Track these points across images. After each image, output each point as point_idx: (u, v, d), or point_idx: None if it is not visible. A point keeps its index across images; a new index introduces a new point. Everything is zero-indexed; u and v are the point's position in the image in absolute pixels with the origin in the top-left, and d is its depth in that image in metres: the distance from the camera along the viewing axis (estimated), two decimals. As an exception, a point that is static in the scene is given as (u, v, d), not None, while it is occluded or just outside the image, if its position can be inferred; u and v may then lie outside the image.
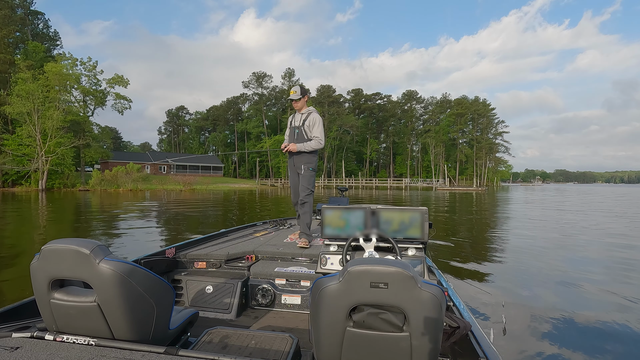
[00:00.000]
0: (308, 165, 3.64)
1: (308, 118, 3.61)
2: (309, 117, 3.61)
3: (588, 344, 3.13)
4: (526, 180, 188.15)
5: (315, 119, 3.59)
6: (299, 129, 3.64)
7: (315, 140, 3.58)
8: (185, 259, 3.11)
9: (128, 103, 48.84)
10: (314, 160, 3.70)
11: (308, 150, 3.58)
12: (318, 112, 3.69)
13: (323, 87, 79.81)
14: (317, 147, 3.59)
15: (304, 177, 3.64)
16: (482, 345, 1.58)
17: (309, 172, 3.66)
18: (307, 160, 3.65)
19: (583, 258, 6.63)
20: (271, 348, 1.65)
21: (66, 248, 1.37)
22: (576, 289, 4.66)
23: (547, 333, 3.32)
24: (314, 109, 3.66)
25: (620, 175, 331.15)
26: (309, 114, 3.63)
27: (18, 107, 35.64)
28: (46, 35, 50.69)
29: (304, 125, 3.60)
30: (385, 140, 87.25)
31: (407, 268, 1.22)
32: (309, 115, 3.62)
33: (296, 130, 3.66)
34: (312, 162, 3.68)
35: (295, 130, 3.67)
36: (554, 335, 3.27)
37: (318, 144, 3.59)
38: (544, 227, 11.28)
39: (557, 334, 3.31)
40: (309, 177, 3.64)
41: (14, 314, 1.78)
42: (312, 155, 3.67)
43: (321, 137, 3.58)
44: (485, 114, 79.72)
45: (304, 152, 3.61)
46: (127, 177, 42.09)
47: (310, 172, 3.66)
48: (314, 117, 3.59)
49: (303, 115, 3.65)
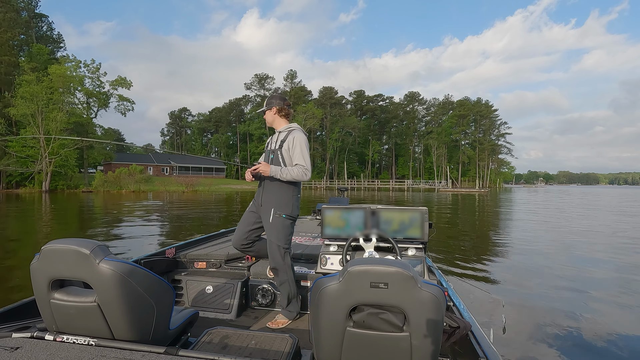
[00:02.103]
0: (281, 211, 2.49)
1: (287, 138, 2.53)
2: (288, 136, 2.53)
3: (588, 344, 3.11)
4: (529, 181, 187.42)
5: (296, 139, 2.50)
6: (275, 153, 2.56)
7: (299, 168, 2.46)
8: (185, 259, 3.11)
9: (131, 105, 49.16)
10: (291, 202, 2.53)
11: (285, 180, 2.46)
12: (303, 129, 2.64)
13: (325, 89, 79.97)
14: (301, 177, 2.45)
15: (272, 226, 2.48)
16: (482, 345, 1.57)
17: (280, 220, 2.48)
18: (280, 200, 2.50)
19: (585, 259, 6.59)
20: (271, 348, 1.65)
21: (66, 248, 1.37)
22: (577, 290, 4.64)
23: (547, 333, 3.30)
24: (296, 126, 2.62)
25: (624, 177, 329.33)
26: (289, 133, 2.55)
27: (22, 109, 35.92)
28: (50, 38, 51.06)
29: (282, 148, 2.53)
30: (388, 141, 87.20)
31: (407, 268, 1.21)
32: (289, 135, 2.54)
33: (271, 156, 2.58)
34: (287, 205, 2.50)
35: (270, 156, 2.60)
36: (554, 336, 3.26)
37: (302, 174, 2.45)
38: (544, 227, 11.22)
39: (557, 334, 3.29)
40: (281, 228, 2.48)
41: (14, 314, 1.79)
42: (288, 192, 2.52)
43: (308, 165, 2.48)
44: (488, 115, 79.58)
45: (276, 186, 2.52)
46: (129, 178, 42.26)
47: (283, 220, 2.49)
48: (295, 137, 2.50)
49: (281, 135, 2.59)
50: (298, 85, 79.92)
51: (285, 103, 2.62)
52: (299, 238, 3.96)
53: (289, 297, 2.52)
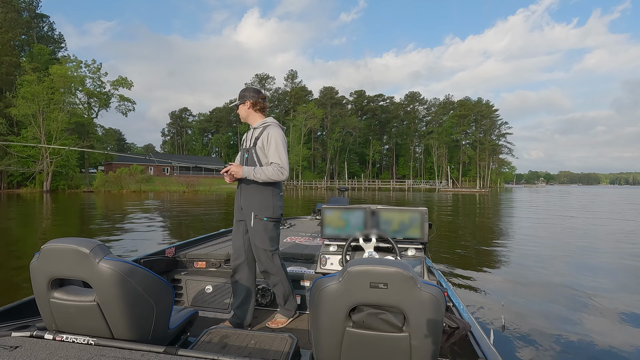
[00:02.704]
0: (261, 214, 2.31)
1: (262, 135, 2.33)
2: (262, 133, 2.34)
3: (588, 344, 3.10)
4: (530, 181, 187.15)
5: (271, 135, 2.30)
6: (249, 151, 2.38)
7: (274, 167, 2.25)
8: (185, 258, 3.11)
9: (132, 105, 49.23)
10: (272, 203, 2.34)
11: (261, 181, 2.26)
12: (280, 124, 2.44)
13: (326, 89, 79.97)
14: (277, 177, 2.25)
15: (255, 231, 2.33)
16: (482, 345, 1.57)
17: (261, 224, 2.32)
18: (260, 203, 2.32)
19: (586, 259, 6.58)
20: (271, 348, 1.64)
21: (66, 247, 1.37)
22: (577, 290, 4.63)
23: (546, 334, 3.30)
24: (272, 121, 2.42)
25: (625, 177, 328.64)
26: (264, 129, 2.35)
27: (23, 109, 35.99)
28: (51, 38, 51.14)
29: (256, 146, 2.34)
30: (388, 141, 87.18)
31: (406, 268, 1.21)
32: (263, 131, 2.34)
33: (245, 155, 2.41)
34: (267, 208, 2.32)
35: (244, 155, 2.42)
36: (554, 336, 3.25)
37: (278, 173, 2.24)
38: (546, 228, 11.21)
39: (557, 334, 3.29)
40: (263, 232, 2.32)
41: (13, 313, 1.79)
42: (267, 193, 2.33)
43: (283, 163, 2.26)
44: (488, 115, 79.48)
45: (254, 188, 2.33)
46: (130, 178, 42.30)
47: (265, 224, 2.32)
48: (270, 133, 2.30)
49: (255, 131, 2.39)
50: (299, 85, 79.94)
51: (260, 96, 2.42)
52: (299, 238, 3.96)
53: (285, 296, 2.47)
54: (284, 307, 2.50)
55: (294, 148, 65.61)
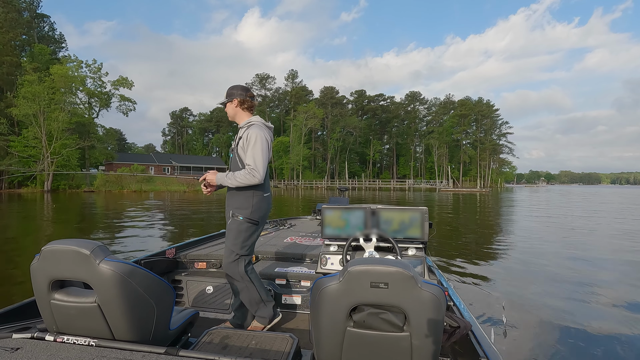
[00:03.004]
0: (238, 212, 2.27)
1: (244, 135, 2.27)
2: (244, 132, 2.27)
3: (588, 343, 3.10)
4: (530, 181, 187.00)
5: (251, 135, 2.21)
6: (233, 152, 2.34)
7: (244, 170, 2.18)
8: (186, 259, 3.11)
9: (132, 105, 49.25)
10: (251, 203, 2.26)
11: (233, 186, 2.23)
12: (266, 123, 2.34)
13: (326, 89, 79.92)
14: (247, 181, 2.17)
15: (228, 229, 2.31)
16: (483, 345, 1.57)
17: (236, 223, 2.27)
18: (239, 202, 2.27)
19: (587, 260, 6.57)
20: (271, 348, 1.64)
21: (66, 249, 1.37)
22: (578, 290, 4.62)
23: (548, 333, 3.30)
24: (256, 120, 2.32)
25: (625, 177, 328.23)
26: (247, 128, 2.28)
27: (24, 109, 36.00)
28: (52, 38, 51.18)
29: (238, 146, 2.28)
30: (389, 141, 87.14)
31: (407, 268, 1.21)
32: (246, 130, 2.27)
33: (230, 155, 2.39)
34: (246, 207, 2.26)
35: (229, 156, 2.42)
36: (555, 335, 3.25)
37: (248, 177, 2.16)
38: (546, 227, 11.20)
39: (558, 334, 3.29)
40: (236, 231, 2.26)
41: (14, 315, 1.79)
42: (247, 192, 2.26)
43: (256, 165, 2.16)
44: (489, 115, 79.43)
45: (232, 190, 2.30)
46: (131, 178, 42.33)
47: (239, 223, 2.25)
48: (250, 134, 2.22)
49: (240, 131, 2.33)
50: (299, 85, 79.92)
51: (247, 94, 2.33)
52: (299, 238, 3.96)
53: (252, 304, 2.29)
54: (257, 315, 2.32)
55: (295, 148, 65.59)
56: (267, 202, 2.37)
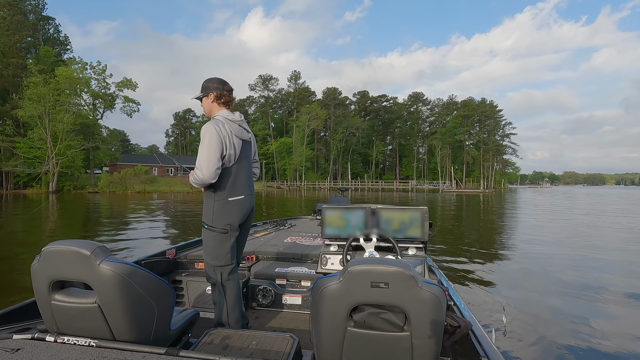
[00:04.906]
0: (204, 220, 2.13)
1: None
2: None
3: (589, 343, 3.08)
4: (534, 182, 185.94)
5: (201, 132, 2.04)
6: None
7: (194, 172, 2.04)
8: (186, 259, 3.12)
9: (136, 106, 49.53)
10: (211, 210, 2.10)
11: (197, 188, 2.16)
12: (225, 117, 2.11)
13: (329, 90, 79.97)
14: (193, 181, 2.05)
15: (202, 239, 2.19)
16: (483, 344, 1.56)
17: (204, 232, 2.14)
18: (204, 209, 2.14)
19: (588, 259, 6.52)
20: (272, 349, 1.64)
21: (66, 249, 1.38)
22: (579, 290, 4.59)
23: (548, 333, 3.29)
24: (220, 115, 2.12)
25: (630, 177, 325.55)
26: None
27: (29, 111, 36.33)
28: (57, 40, 51.62)
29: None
30: (391, 142, 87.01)
31: (407, 268, 1.21)
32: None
33: None
34: (208, 214, 2.11)
35: None
36: (555, 335, 3.24)
37: (192, 177, 2.04)
38: (548, 228, 11.12)
39: (559, 334, 3.28)
40: (205, 241, 2.14)
41: (14, 316, 1.80)
42: (209, 199, 2.13)
43: (199, 163, 1.98)
44: (492, 115, 79.10)
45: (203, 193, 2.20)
46: (135, 179, 42.54)
47: (206, 232, 2.12)
48: (202, 130, 2.04)
49: None
50: (302, 86, 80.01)
51: (225, 87, 2.15)
52: (299, 238, 3.96)
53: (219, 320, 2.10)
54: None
55: (297, 149, 65.64)
56: (237, 207, 2.12)
